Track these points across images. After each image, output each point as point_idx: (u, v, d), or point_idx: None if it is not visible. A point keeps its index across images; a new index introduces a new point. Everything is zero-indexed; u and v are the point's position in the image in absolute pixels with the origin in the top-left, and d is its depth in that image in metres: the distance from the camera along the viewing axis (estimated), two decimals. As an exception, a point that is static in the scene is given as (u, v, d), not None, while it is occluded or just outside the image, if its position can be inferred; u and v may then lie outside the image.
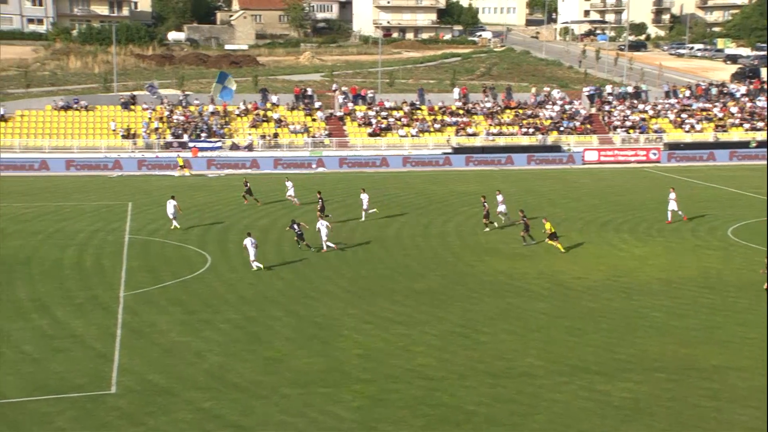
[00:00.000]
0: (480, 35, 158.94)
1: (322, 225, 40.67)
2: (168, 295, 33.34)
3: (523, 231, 41.99)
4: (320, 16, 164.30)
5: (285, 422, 22.45)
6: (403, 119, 79.64)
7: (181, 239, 42.96)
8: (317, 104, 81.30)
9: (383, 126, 78.40)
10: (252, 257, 36.95)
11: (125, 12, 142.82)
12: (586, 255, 40.15)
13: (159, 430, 21.85)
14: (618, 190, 59.29)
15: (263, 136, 74.84)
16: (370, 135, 77.14)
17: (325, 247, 40.44)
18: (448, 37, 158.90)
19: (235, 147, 73.08)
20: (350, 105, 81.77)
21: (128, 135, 73.02)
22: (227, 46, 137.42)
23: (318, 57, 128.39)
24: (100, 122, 74.62)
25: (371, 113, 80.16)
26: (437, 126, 78.90)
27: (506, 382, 25.16)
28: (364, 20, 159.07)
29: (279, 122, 77.28)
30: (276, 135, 75.41)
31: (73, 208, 50.04)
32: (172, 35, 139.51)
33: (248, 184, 52.86)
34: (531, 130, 78.92)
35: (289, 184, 52.03)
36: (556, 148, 75.73)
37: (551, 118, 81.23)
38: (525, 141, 77.32)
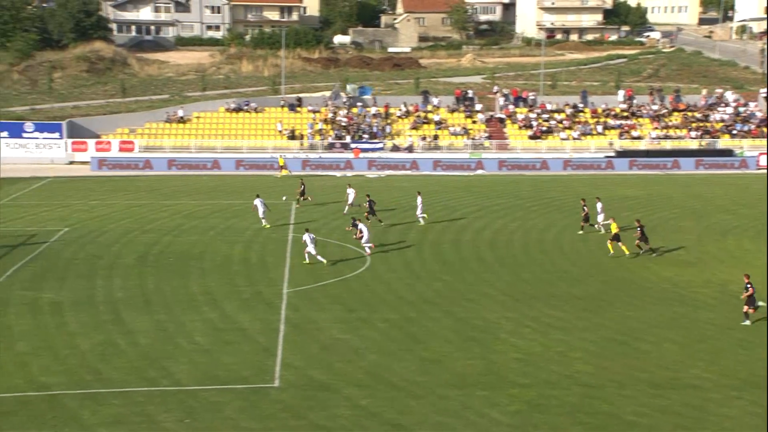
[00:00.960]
0: (648, 35, 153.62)
1: (364, 228, 40.40)
2: (328, 293, 34.11)
3: (638, 240, 40.00)
4: (483, 18, 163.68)
5: (442, 423, 22.48)
6: (564, 122, 78.15)
7: (342, 238, 43.85)
8: (478, 106, 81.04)
9: (544, 129, 77.23)
10: (312, 251, 37.94)
11: (294, 17, 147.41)
12: (759, 264, 38.02)
13: (319, 424, 22.39)
14: (795, 197, 55.85)
15: (423, 138, 75.36)
16: (531, 137, 76.17)
17: (367, 250, 40.21)
18: (613, 38, 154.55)
19: (395, 148, 73.95)
20: (511, 107, 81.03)
21: (293, 136, 75.30)
22: (390, 49, 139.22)
23: (479, 59, 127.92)
24: (267, 123, 77.35)
25: (532, 115, 79.13)
26: (600, 129, 76.95)
27: (670, 393, 24.20)
28: (528, 22, 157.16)
29: (439, 124, 77.59)
30: (436, 137, 75.74)
31: (241, 206, 52.11)
32: (338, 38, 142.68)
33: (304, 185, 53.12)
34: (700, 134, 75.61)
35: (350, 191, 50.65)
36: (727, 152, 72.22)
37: (723, 120, 77.51)
38: (693, 145, 74.16)
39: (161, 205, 51.90)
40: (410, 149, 73.78)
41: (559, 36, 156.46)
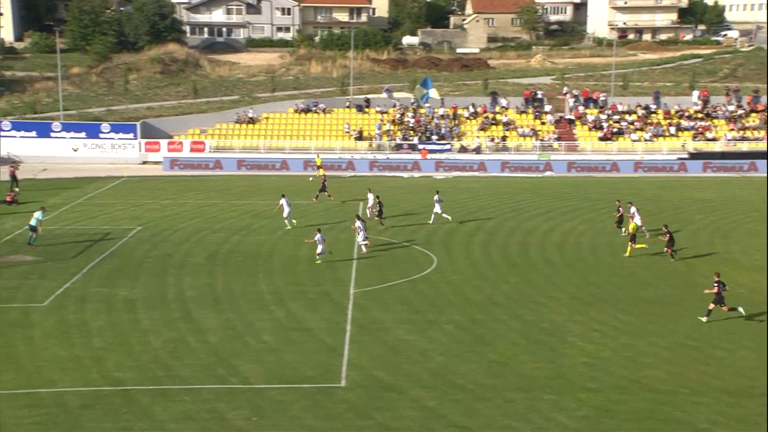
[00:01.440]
0: (725, 34, 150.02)
1: (362, 225, 40.40)
2: (395, 294, 34.17)
3: (666, 246, 39.22)
4: (553, 18, 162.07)
5: (509, 426, 22.34)
6: (636, 123, 76.83)
7: (409, 239, 43.89)
8: (547, 107, 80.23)
9: (615, 130, 76.05)
10: (319, 250, 38.34)
11: (363, 18, 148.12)
12: (839, 271, 36.81)
13: (385, 425, 22.44)
14: None
15: (491, 139, 74.93)
16: (601, 139, 75.08)
17: (363, 249, 40.10)
18: (688, 37, 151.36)
19: (463, 149, 73.69)
20: (581, 108, 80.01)
21: (361, 137, 75.63)
22: (459, 50, 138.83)
23: (549, 60, 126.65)
24: (336, 124, 77.84)
25: (603, 117, 78.00)
26: (672, 130, 75.42)
27: (747, 402, 23.60)
28: (599, 21, 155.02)
29: (507, 125, 77.05)
30: (504, 138, 75.23)
31: (308, 206, 52.51)
32: (406, 39, 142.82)
33: (326, 182, 54.09)
34: (779, 135, 73.57)
35: (370, 196, 49.54)
36: (806, 154, 70.06)
37: (802, 121, 75.24)
38: (771, 146, 72.15)
39: (231, 205, 52.67)
40: (478, 150, 73.43)
41: (631, 36, 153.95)
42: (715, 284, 30.38)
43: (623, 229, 44.13)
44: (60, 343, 28.02)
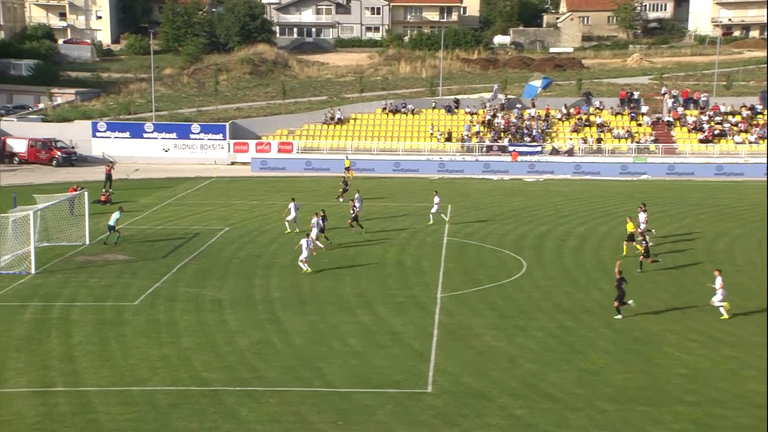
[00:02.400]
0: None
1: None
2: (483, 299, 33.96)
3: (642, 255, 38.27)
4: (652, 15, 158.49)
5: (599, 438, 21.94)
6: (740, 124, 74.55)
7: (498, 243, 43.60)
8: (644, 108, 78.59)
9: (717, 132, 73.94)
10: (303, 257, 37.35)
11: (454, 17, 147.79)
12: None
13: (471, 432, 22.33)
14: None
15: (585, 141, 73.80)
16: (701, 141, 73.11)
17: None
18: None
19: (555, 152, 72.81)
20: (680, 109, 78.09)
21: (450, 138, 75.47)
22: (552, 49, 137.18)
23: (647, 59, 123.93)
24: (424, 125, 77.87)
25: (704, 118, 75.95)
26: (779, 131, 72.93)
27: None
28: (702, 18, 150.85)
29: (602, 127, 75.77)
30: (599, 140, 74.01)
31: (397, 209, 52.68)
32: (498, 39, 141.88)
33: (348, 183, 54.42)
34: None
35: (436, 201, 48.32)
36: None
37: None
38: None
39: (317, 206, 53.12)
40: (570, 153, 72.45)
41: (737, 33, 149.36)
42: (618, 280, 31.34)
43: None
44: (150, 342, 28.80)
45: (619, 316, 31.27)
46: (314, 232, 40.71)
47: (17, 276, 36.84)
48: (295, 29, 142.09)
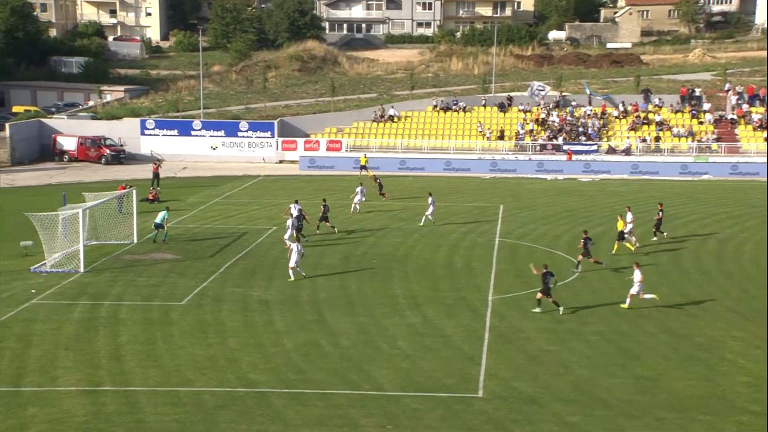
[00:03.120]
0: None
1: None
2: (536, 302, 33.68)
3: (580, 255, 38.14)
4: (716, 9, 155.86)
5: (656, 448, 21.63)
6: (807, 122, 72.99)
7: (551, 244, 43.25)
8: (705, 106, 77.33)
9: (782, 129, 72.50)
10: (293, 263, 36.62)
11: (508, 12, 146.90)
12: None
13: (523, 439, 22.17)
14: None
15: (643, 140, 72.84)
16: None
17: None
18: None
19: (611, 151, 72.02)
20: (745, 107, 76.68)
21: (502, 136, 75.06)
22: (609, 45, 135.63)
23: (710, 54, 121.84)
24: (476, 123, 77.52)
25: (768, 115, 74.50)
26: None
27: None
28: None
29: (661, 125, 74.74)
30: (657, 138, 73.00)
31: (447, 209, 52.56)
32: (553, 34, 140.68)
33: (380, 184, 54.90)
34: None
35: (430, 201, 47.82)
36: None
37: None
38: None
39: (366, 206, 53.27)
40: (627, 152, 71.58)
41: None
42: (544, 273, 32.09)
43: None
44: (197, 342, 29.12)
45: (538, 309, 31.96)
46: (288, 233, 40.82)
47: (66, 274, 37.53)
48: (345, 25, 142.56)
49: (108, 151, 74.06)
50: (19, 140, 73.77)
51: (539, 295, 32.25)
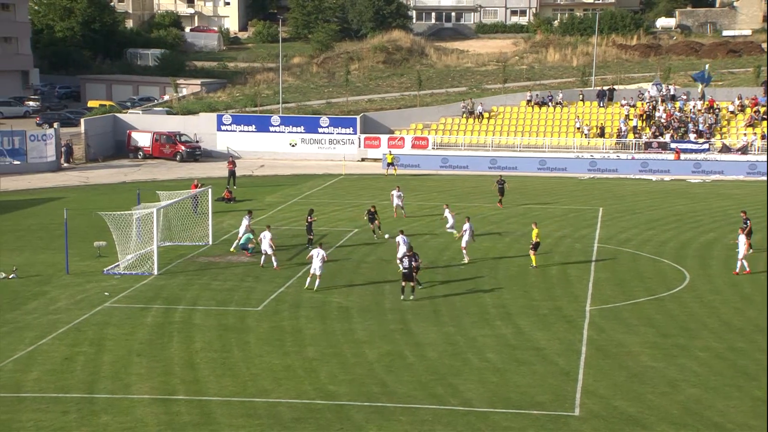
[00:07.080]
0: None
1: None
2: (639, 313, 33.19)
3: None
4: None
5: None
6: None
7: (656, 252, 42.52)
8: (832, 99, 74.93)
9: None
10: (317, 271, 36.21)
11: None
12: None
13: (623, 463, 21.82)
14: None
15: (763, 137, 70.93)
16: None
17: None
18: None
19: (725, 149, 70.36)
20: None
21: (603, 134, 74.01)
22: (725, 32, 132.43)
23: None
24: (574, 119, 76.65)
25: None
26: None
27: None
28: None
29: (782, 121, 72.65)
30: (777, 136, 70.99)
31: (541, 211, 52.11)
32: (661, 22, 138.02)
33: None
34: None
35: (446, 214, 46.86)
36: None
37: None
38: None
39: (453, 208, 53.10)
40: (744, 151, 69.81)
41: None
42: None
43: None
44: (274, 350, 29.50)
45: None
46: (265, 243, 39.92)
47: (140, 277, 38.48)
48: (433, 14, 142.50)
49: (183, 148, 75.56)
50: (93, 136, 75.92)
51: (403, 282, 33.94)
